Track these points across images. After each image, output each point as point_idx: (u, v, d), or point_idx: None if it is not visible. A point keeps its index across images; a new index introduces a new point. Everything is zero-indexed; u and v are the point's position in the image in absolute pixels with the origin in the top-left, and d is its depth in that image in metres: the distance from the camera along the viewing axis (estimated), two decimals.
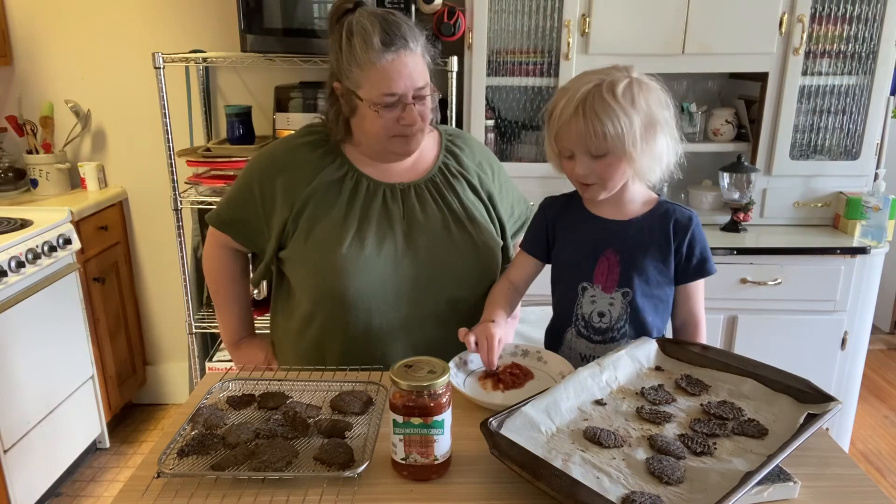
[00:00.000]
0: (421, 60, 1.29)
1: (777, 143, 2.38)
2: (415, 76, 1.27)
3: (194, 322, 2.58)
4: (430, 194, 1.40)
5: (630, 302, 1.28)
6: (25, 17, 2.66)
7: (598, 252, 1.28)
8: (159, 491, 0.94)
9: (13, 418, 2.15)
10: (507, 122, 2.51)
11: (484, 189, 1.46)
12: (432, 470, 0.97)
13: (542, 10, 2.30)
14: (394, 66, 1.25)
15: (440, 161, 1.44)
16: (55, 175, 2.71)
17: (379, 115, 1.28)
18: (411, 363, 0.99)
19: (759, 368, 1.15)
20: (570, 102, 1.17)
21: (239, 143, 2.53)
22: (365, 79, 1.26)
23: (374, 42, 1.24)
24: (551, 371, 1.25)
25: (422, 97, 1.29)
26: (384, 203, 1.37)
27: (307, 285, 1.38)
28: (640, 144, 1.17)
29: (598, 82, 1.17)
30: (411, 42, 1.27)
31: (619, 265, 1.27)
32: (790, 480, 0.94)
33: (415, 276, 1.36)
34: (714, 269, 1.31)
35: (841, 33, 2.32)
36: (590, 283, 1.29)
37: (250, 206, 1.40)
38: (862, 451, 2.77)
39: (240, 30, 2.29)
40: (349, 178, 1.37)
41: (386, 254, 1.34)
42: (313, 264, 1.35)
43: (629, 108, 1.16)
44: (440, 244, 1.37)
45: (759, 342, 2.31)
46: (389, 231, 1.35)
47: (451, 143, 1.48)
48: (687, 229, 1.27)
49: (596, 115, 1.15)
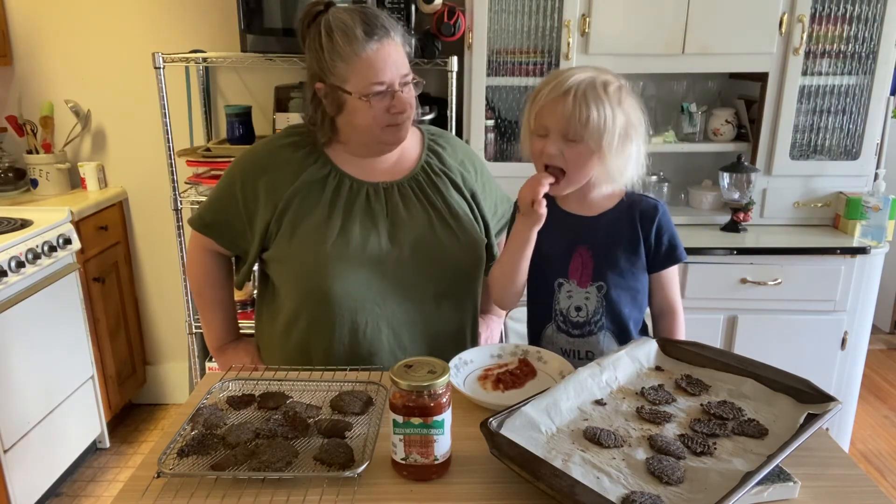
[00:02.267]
0: (402, 49, 1.32)
1: (777, 143, 2.38)
2: (399, 64, 1.29)
3: (194, 322, 2.58)
4: (413, 193, 1.40)
5: (605, 295, 1.30)
6: (25, 17, 2.66)
7: (572, 249, 1.31)
8: (159, 491, 0.94)
9: (13, 418, 2.15)
10: (506, 122, 2.51)
11: (467, 187, 1.46)
12: (432, 470, 0.97)
13: (542, 10, 2.30)
14: (379, 55, 1.27)
15: (423, 160, 1.45)
16: (55, 175, 2.71)
17: (370, 107, 1.29)
18: (411, 363, 0.99)
19: (759, 368, 1.15)
20: (561, 84, 1.20)
21: (239, 143, 2.52)
22: (351, 72, 1.27)
23: (357, 33, 1.25)
24: (551, 371, 1.26)
25: (407, 84, 1.32)
26: (367, 202, 1.37)
27: (292, 285, 1.38)
28: (615, 143, 1.21)
29: (593, 76, 1.21)
30: (392, 31, 1.30)
31: (593, 260, 1.30)
32: (790, 480, 0.94)
33: (400, 274, 1.36)
34: (684, 256, 1.34)
35: (841, 33, 2.32)
36: (565, 278, 1.32)
37: (232, 207, 1.40)
38: (862, 451, 2.76)
39: (240, 30, 2.29)
40: (332, 178, 1.38)
41: (370, 252, 1.35)
42: (298, 263, 1.35)
43: (616, 106, 1.20)
44: (425, 242, 1.38)
45: (759, 342, 2.31)
46: (373, 229, 1.36)
47: (434, 143, 1.48)
48: (653, 219, 1.31)
49: (585, 100, 1.19)
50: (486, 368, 1.27)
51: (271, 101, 2.47)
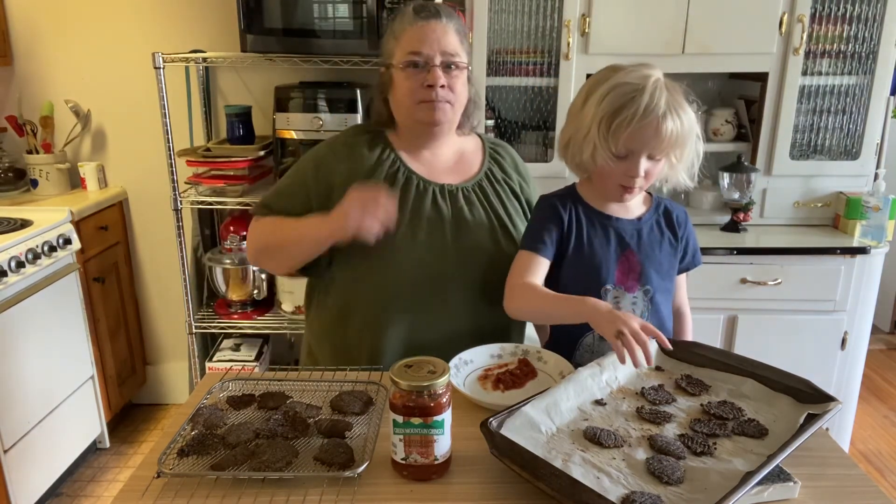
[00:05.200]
0: (453, 33, 1.37)
1: (777, 143, 2.38)
2: (443, 41, 1.34)
3: (194, 322, 2.58)
4: (477, 198, 1.44)
5: (651, 298, 1.30)
6: (25, 17, 2.66)
7: (619, 254, 1.29)
8: (159, 491, 0.94)
9: (13, 418, 2.15)
10: (507, 122, 2.51)
11: (524, 197, 1.51)
12: (432, 470, 0.97)
13: (542, 10, 2.30)
14: (422, 30, 1.34)
15: (485, 167, 1.49)
16: (55, 175, 2.71)
17: (406, 78, 1.34)
18: (411, 363, 0.99)
19: (759, 368, 1.15)
20: (650, 110, 1.16)
21: (239, 143, 2.53)
22: (397, 46, 1.36)
23: (408, 12, 1.37)
24: (551, 371, 1.26)
25: (450, 65, 1.35)
26: (434, 202, 1.40)
27: (354, 276, 1.39)
28: (689, 149, 1.23)
29: (668, 98, 1.18)
30: (444, 16, 1.36)
31: (640, 264, 1.29)
32: (790, 480, 0.94)
33: (460, 275, 1.38)
34: (701, 260, 1.38)
35: (841, 33, 2.32)
36: (612, 284, 1.29)
37: (301, 196, 1.41)
38: (862, 451, 2.76)
39: (240, 30, 2.29)
40: (401, 175, 1.41)
41: (436, 250, 1.37)
42: (363, 255, 1.36)
43: (691, 114, 1.21)
44: (486, 247, 1.40)
45: (759, 342, 2.31)
46: (440, 229, 1.38)
47: (494, 151, 1.54)
48: (686, 221, 1.34)
49: (680, 121, 1.18)
50: (486, 368, 1.27)
51: (271, 101, 2.46)
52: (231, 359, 2.63)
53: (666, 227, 1.33)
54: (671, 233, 1.33)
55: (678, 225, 1.33)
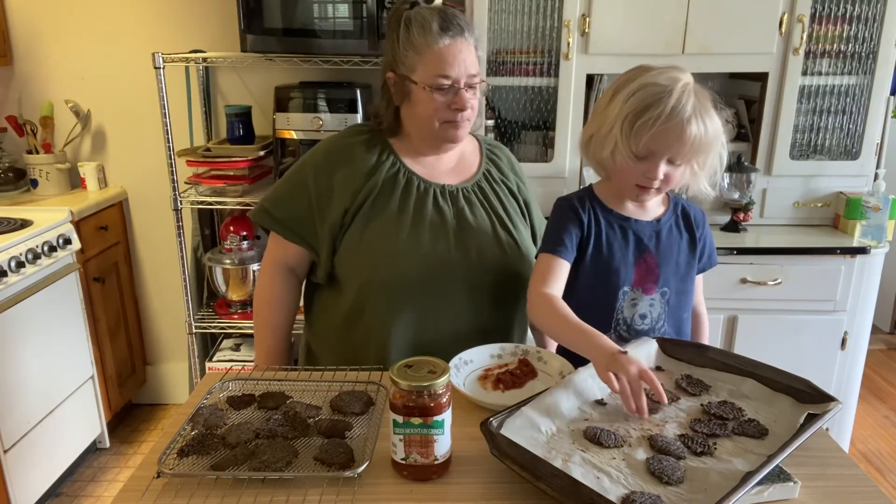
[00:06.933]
0: (474, 52, 1.36)
1: (777, 143, 2.37)
2: (468, 63, 1.33)
3: (194, 322, 2.58)
4: (477, 198, 1.45)
5: (668, 301, 1.29)
6: (25, 17, 2.66)
7: (637, 256, 1.28)
8: (159, 491, 0.94)
9: (13, 418, 2.15)
10: (507, 122, 2.51)
11: (522, 196, 1.52)
12: (432, 470, 0.97)
13: (542, 10, 2.30)
14: (450, 51, 1.31)
15: (483, 167, 1.49)
16: (55, 175, 2.71)
17: (432, 99, 1.32)
18: (411, 363, 0.99)
19: (759, 368, 1.15)
20: (675, 112, 1.13)
21: (239, 143, 2.53)
22: (421, 62, 1.32)
23: (433, 27, 1.31)
24: (551, 371, 1.26)
25: (473, 86, 1.35)
26: (435, 202, 1.41)
27: (358, 278, 1.39)
28: (709, 159, 1.21)
29: (695, 102, 1.15)
30: (467, 32, 1.34)
31: (658, 267, 1.28)
32: (790, 480, 0.94)
33: (464, 275, 1.39)
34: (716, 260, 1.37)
35: (841, 33, 2.31)
36: (630, 286, 1.29)
37: (302, 200, 1.41)
38: (862, 451, 2.76)
39: (240, 30, 2.29)
40: (402, 176, 1.41)
41: (440, 251, 1.37)
42: (368, 255, 1.36)
43: (716, 121, 1.18)
44: (489, 247, 1.41)
45: (759, 342, 2.31)
46: (442, 229, 1.39)
47: (491, 152, 1.54)
48: (704, 222, 1.33)
49: (704, 128, 1.15)
50: (486, 368, 1.27)
51: (271, 101, 2.46)
52: (231, 359, 2.64)
53: (685, 227, 1.31)
54: (689, 234, 1.31)
55: (696, 225, 1.32)
